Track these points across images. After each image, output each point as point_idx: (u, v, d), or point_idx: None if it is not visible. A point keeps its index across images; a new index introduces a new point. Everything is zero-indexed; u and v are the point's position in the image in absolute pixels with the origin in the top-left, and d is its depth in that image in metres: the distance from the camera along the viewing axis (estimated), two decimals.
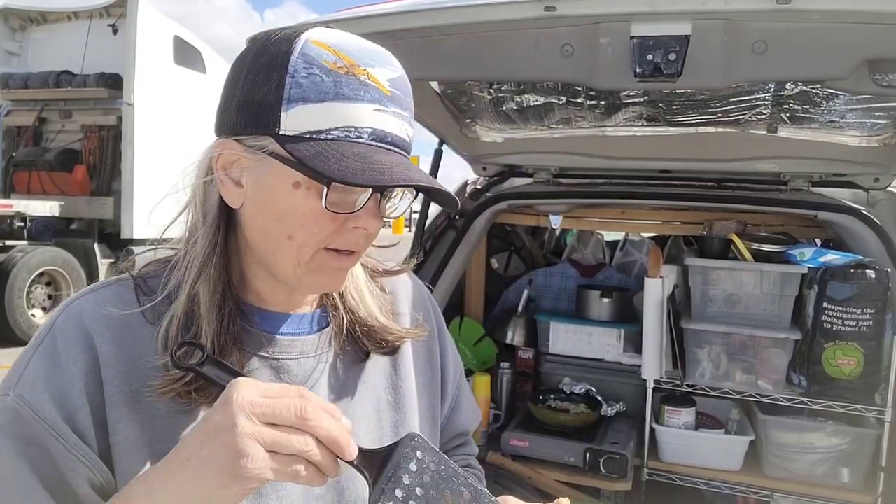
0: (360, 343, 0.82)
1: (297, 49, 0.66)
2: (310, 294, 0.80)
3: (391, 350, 0.85)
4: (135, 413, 0.68)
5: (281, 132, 0.65)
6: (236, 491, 0.57)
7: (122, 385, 0.68)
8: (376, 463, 0.63)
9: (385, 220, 0.74)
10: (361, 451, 0.61)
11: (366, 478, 0.62)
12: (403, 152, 0.69)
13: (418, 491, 0.62)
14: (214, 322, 0.70)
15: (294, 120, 0.64)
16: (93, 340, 0.68)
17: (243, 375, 0.62)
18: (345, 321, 0.81)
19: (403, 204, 0.75)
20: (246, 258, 0.75)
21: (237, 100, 0.68)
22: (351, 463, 0.60)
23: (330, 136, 0.65)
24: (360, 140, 0.65)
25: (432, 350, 0.92)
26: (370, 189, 0.67)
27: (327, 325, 0.81)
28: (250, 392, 0.58)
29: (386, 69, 0.68)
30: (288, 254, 0.69)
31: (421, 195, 0.76)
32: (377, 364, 0.84)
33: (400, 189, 0.72)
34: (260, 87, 0.66)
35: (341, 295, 0.82)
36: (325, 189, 0.64)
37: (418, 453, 0.64)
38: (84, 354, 0.68)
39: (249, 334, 0.75)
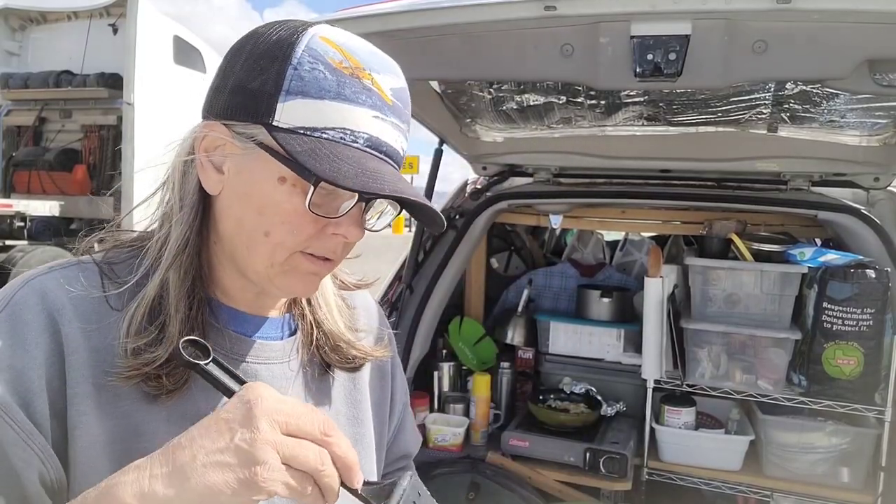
0: (324, 356, 0.79)
1: (304, 42, 0.63)
2: (280, 297, 0.76)
3: (355, 367, 0.82)
4: (97, 408, 0.63)
5: (274, 123, 0.62)
6: (241, 501, 0.53)
7: (88, 376, 0.63)
8: (382, 494, 0.63)
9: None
10: (365, 481, 0.60)
11: None
12: (395, 164, 0.67)
13: None
14: (183, 310, 0.66)
15: (290, 113, 0.62)
16: (57, 324, 0.63)
17: (247, 381, 0.59)
18: (313, 331, 0.78)
19: (384, 220, 0.72)
20: (215, 249, 0.71)
21: (231, 84, 0.65)
22: (355, 491, 0.58)
23: (325, 136, 0.62)
24: (355, 144, 0.63)
25: (384, 370, 0.91)
26: (356, 196, 0.64)
27: (295, 332, 0.78)
28: (273, 399, 0.55)
29: (391, 77, 0.66)
30: (262, 250, 0.66)
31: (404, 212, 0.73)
32: (338, 377, 0.82)
33: (384, 202, 0.69)
34: (258, 75, 0.63)
35: (309, 303, 0.79)
36: (312, 188, 0.61)
37: (419, 492, 0.66)
38: (46, 337, 0.62)
39: (215, 330, 0.71)
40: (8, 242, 6.78)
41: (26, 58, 8.21)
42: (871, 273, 1.87)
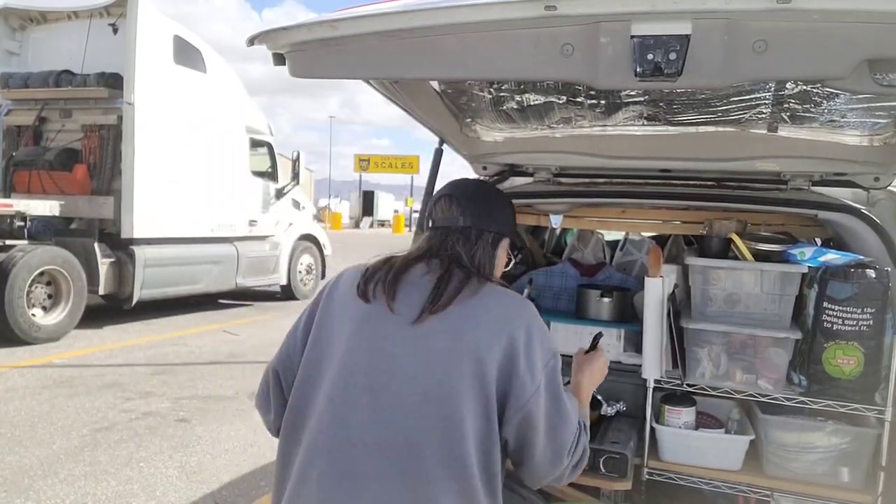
0: None
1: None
2: None
3: None
4: None
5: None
6: (599, 382, 1.63)
7: None
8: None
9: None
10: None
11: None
12: None
13: None
14: None
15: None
16: None
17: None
18: None
19: None
20: None
21: (500, 220, 1.49)
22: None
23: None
24: None
25: None
26: None
27: None
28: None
29: None
30: None
31: None
32: None
33: None
34: (509, 216, 1.54)
35: None
36: (510, 261, 1.56)
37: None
38: None
39: None
40: (8, 242, 6.77)
41: (26, 57, 8.21)
42: (871, 273, 1.87)
